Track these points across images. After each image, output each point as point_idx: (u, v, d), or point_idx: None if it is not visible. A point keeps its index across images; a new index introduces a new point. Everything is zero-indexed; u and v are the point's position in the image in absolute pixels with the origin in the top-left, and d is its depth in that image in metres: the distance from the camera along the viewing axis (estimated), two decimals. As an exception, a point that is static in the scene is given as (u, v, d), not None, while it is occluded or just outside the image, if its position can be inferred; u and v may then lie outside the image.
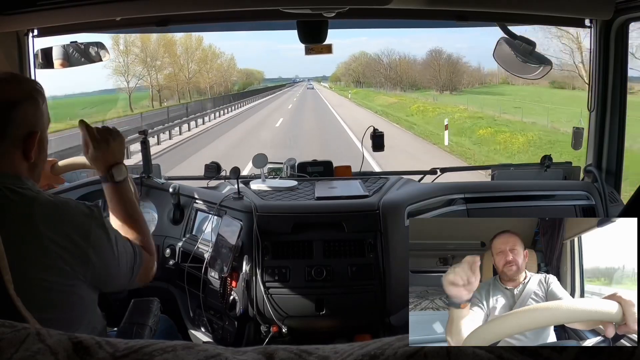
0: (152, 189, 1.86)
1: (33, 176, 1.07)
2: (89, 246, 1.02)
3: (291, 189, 1.85)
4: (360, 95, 44.55)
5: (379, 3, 1.46)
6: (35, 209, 0.98)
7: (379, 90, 49.78)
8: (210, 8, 1.62)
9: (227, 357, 0.39)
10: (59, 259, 0.98)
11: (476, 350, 0.36)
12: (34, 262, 0.96)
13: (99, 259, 1.04)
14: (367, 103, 37.22)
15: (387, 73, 52.32)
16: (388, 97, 39.93)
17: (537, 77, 1.84)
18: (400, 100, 35.02)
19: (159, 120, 18.81)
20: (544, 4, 1.59)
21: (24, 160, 1.03)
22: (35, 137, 1.03)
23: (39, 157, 1.06)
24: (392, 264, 1.60)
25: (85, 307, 1.06)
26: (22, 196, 0.99)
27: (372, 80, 55.67)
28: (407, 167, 5.13)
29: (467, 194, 1.87)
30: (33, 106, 1.03)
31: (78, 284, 1.02)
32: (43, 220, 0.98)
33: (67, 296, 1.01)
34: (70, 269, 1.00)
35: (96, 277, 1.05)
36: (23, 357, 0.38)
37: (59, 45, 1.92)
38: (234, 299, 1.60)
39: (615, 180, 1.98)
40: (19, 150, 1.02)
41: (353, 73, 62.13)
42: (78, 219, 1.03)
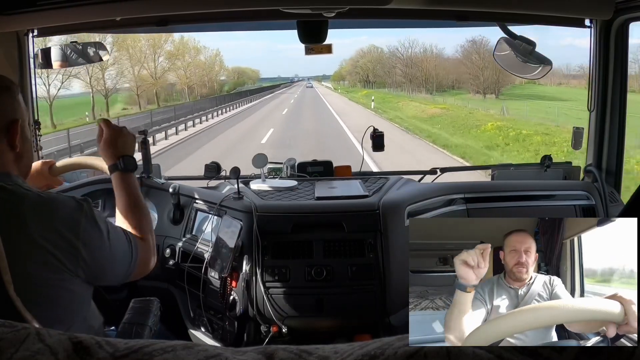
0: (152, 189, 1.86)
1: (20, 169, 1.07)
2: (79, 241, 1.02)
3: (291, 189, 1.85)
4: (376, 101, 33.23)
5: (379, 3, 1.46)
6: (24, 206, 0.99)
7: (398, 93, 40.04)
8: (210, 8, 1.62)
9: (227, 357, 0.39)
10: (50, 255, 0.98)
11: (476, 350, 0.36)
12: (26, 259, 0.96)
13: (90, 253, 1.04)
14: (389, 113, 26.56)
15: (407, 70, 42.83)
16: (418, 102, 29.77)
17: (537, 77, 1.84)
18: (446, 111, 23.63)
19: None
20: (544, 4, 1.59)
21: (10, 151, 1.04)
22: (17, 125, 1.04)
23: (24, 146, 1.07)
24: (392, 264, 1.60)
25: (79, 303, 1.06)
26: (11, 193, 0.99)
27: (387, 79, 46.61)
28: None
29: (467, 194, 1.87)
30: (9, 96, 1.05)
31: (70, 279, 1.02)
32: (32, 216, 0.98)
33: (60, 292, 1.01)
34: (61, 265, 1.00)
35: (89, 271, 1.05)
36: (23, 357, 0.38)
37: (58, 46, 1.92)
38: (234, 299, 1.60)
39: (615, 180, 1.98)
40: (4, 141, 1.03)
41: (361, 71, 52.50)
42: (67, 214, 1.03)
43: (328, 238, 1.62)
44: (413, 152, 13.38)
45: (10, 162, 1.05)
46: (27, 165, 1.12)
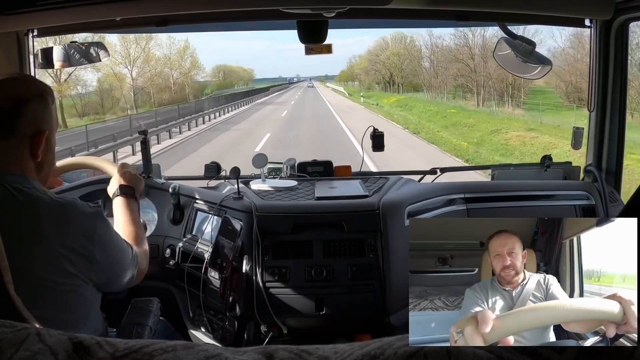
0: (152, 189, 1.86)
1: (39, 177, 1.07)
2: (94, 246, 1.03)
3: (291, 189, 1.85)
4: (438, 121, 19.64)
5: (379, 3, 1.46)
6: (41, 209, 0.99)
7: (451, 102, 23.98)
8: (210, 8, 1.62)
9: (227, 357, 0.39)
10: (65, 259, 0.99)
11: (476, 350, 0.36)
12: (39, 263, 0.96)
13: (104, 259, 1.05)
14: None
15: (474, 68, 25.13)
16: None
17: (537, 77, 1.84)
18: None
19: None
20: (544, 4, 1.59)
21: (31, 159, 1.04)
22: (43, 136, 1.04)
23: (46, 157, 1.07)
24: (392, 264, 1.60)
25: (88, 308, 1.06)
26: (27, 196, 0.99)
27: (423, 80, 30.17)
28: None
29: (467, 194, 1.87)
30: (42, 105, 1.04)
31: (83, 285, 1.02)
32: (48, 220, 0.98)
33: (72, 297, 1.01)
34: (75, 270, 1.00)
35: (102, 276, 1.06)
36: (23, 357, 0.38)
37: (58, 46, 1.92)
38: (234, 299, 1.60)
39: (615, 180, 1.98)
40: (27, 148, 1.03)
41: (382, 68, 37.06)
42: (83, 219, 1.03)
43: (328, 238, 1.62)
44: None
45: (29, 168, 1.04)
46: (46, 175, 1.11)
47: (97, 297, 1.10)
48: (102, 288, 1.10)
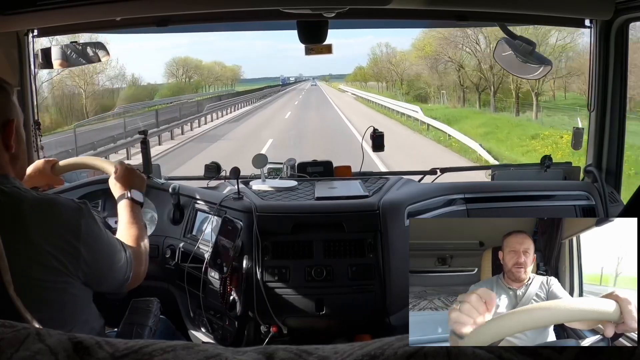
0: (152, 189, 1.86)
1: (16, 171, 1.07)
2: (79, 242, 1.02)
3: (291, 189, 1.85)
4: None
5: (379, 3, 1.46)
6: (24, 208, 0.98)
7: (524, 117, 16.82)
8: (210, 8, 1.62)
9: (227, 357, 0.39)
10: (51, 257, 0.98)
11: (476, 350, 0.36)
12: (26, 262, 0.96)
13: (91, 255, 1.04)
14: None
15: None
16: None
17: (537, 77, 1.85)
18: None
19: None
20: (544, 4, 1.59)
21: (5, 152, 1.04)
22: (12, 125, 1.04)
23: (19, 147, 1.07)
24: (392, 264, 1.60)
25: (80, 305, 1.06)
26: (9, 196, 0.99)
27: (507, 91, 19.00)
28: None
29: (467, 194, 1.87)
30: (4, 96, 1.05)
31: (71, 282, 1.02)
32: (32, 219, 0.98)
33: (61, 294, 1.01)
34: (62, 267, 1.00)
35: (89, 274, 1.05)
36: (23, 357, 0.38)
37: (58, 46, 1.92)
38: (234, 299, 1.60)
39: (615, 180, 1.98)
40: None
41: (451, 67, 22.03)
42: (68, 216, 1.03)
43: (328, 238, 1.62)
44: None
45: (6, 164, 1.04)
46: (22, 167, 1.12)
47: (88, 295, 1.09)
48: (92, 286, 1.09)
